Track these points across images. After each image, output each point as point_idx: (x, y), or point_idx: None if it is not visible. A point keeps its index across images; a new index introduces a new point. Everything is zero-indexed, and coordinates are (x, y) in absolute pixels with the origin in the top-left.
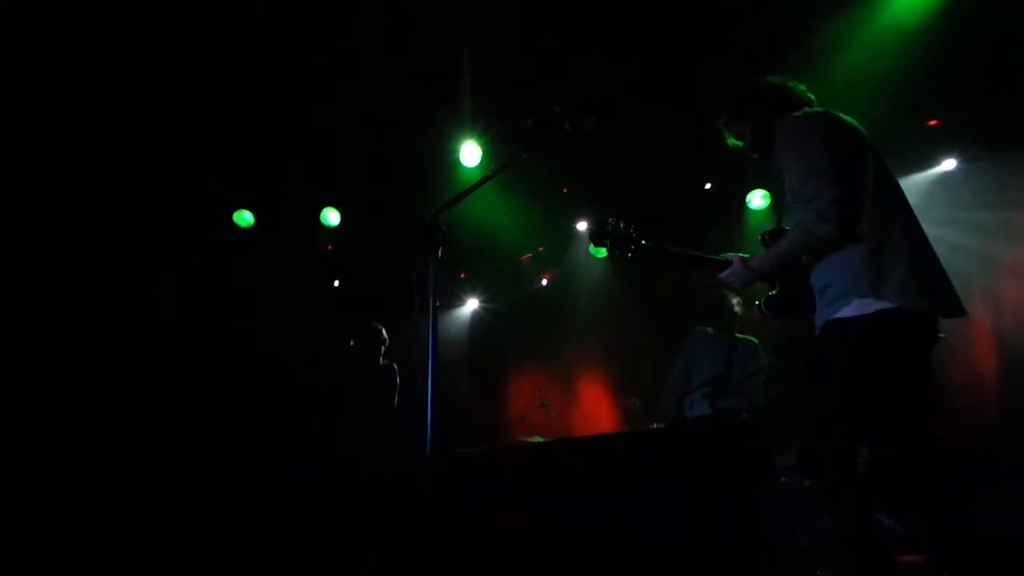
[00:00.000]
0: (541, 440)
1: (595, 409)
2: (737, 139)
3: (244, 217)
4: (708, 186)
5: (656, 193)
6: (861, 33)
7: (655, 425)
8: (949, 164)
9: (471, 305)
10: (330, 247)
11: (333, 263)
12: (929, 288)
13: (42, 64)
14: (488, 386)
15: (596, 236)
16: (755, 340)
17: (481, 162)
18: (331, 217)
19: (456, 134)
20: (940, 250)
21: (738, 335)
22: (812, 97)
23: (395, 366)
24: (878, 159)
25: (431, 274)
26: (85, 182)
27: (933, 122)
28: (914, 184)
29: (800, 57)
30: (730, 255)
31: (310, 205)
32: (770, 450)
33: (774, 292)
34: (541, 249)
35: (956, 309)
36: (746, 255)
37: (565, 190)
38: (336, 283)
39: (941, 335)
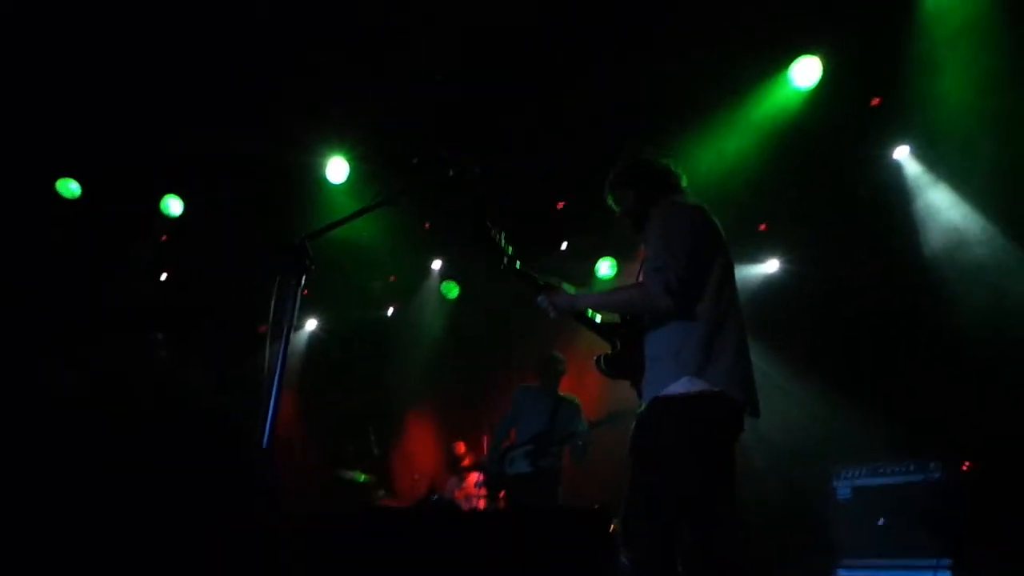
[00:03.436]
0: (363, 478)
1: (419, 449)
2: (616, 203)
3: (69, 187)
4: (564, 246)
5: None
6: (717, 136)
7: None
8: (773, 265)
9: (310, 325)
10: (164, 238)
11: (170, 258)
12: (745, 381)
13: None
14: (314, 411)
15: (478, 236)
16: (576, 400)
17: (349, 178)
18: (173, 206)
19: (324, 148)
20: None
21: (561, 393)
22: (689, 189)
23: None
24: (728, 259)
25: (291, 301)
26: None
27: (763, 226)
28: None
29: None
30: (556, 282)
31: (149, 190)
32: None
33: (614, 351)
34: (393, 278)
35: (756, 408)
36: (572, 288)
37: (427, 225)
38: (164, 276)
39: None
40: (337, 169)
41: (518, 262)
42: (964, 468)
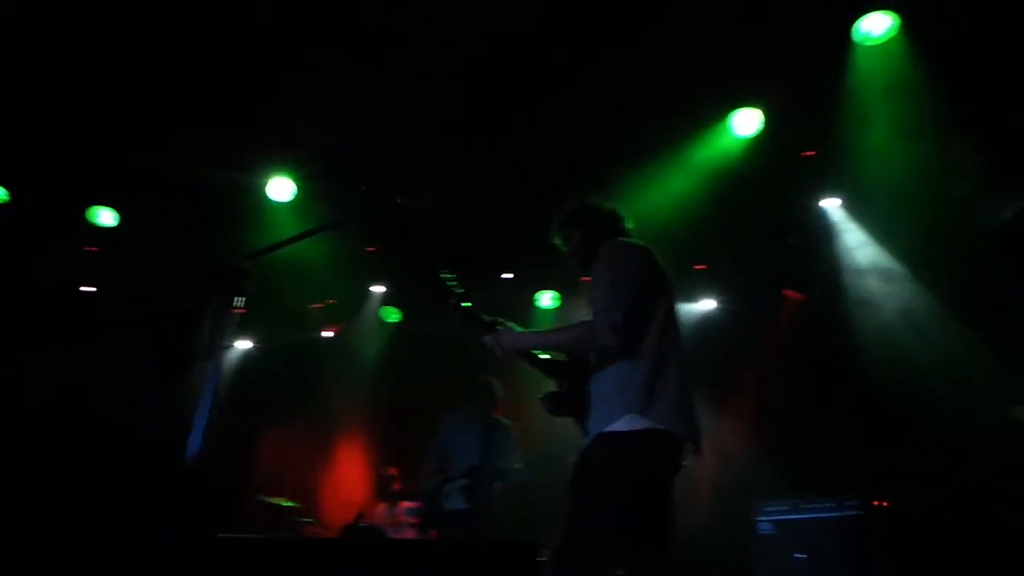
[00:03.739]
0: (288, 504)
1: (349, 473)
2: (563, 243)
3: None
4: (510, 275)
5: (455, 273)
6: (665, 175)
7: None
8: (709, 304)
9: (243, 345)
10: (93, 248)
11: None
12: (687, 419)
13: None
14: (242, 432)
15: (426, 276)
16: (507, 423)
17: (295, 197)
18: (104, 216)
19: (265, 167)
20: None
21: (495, 417)
22: (634, 231)
23: None
24: (671, 301)
25: (226, 321)
26: None
27: (701, 266)
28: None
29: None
30: (502, 322)
31: (78, 199)
32: None
33: (559, 389)
34: (332, 301)
35: (699, 445)
36: (519, 327)
37: (370, 249)
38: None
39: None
40: (281, 188)
41: (465, 302)
42: (879, 505)
